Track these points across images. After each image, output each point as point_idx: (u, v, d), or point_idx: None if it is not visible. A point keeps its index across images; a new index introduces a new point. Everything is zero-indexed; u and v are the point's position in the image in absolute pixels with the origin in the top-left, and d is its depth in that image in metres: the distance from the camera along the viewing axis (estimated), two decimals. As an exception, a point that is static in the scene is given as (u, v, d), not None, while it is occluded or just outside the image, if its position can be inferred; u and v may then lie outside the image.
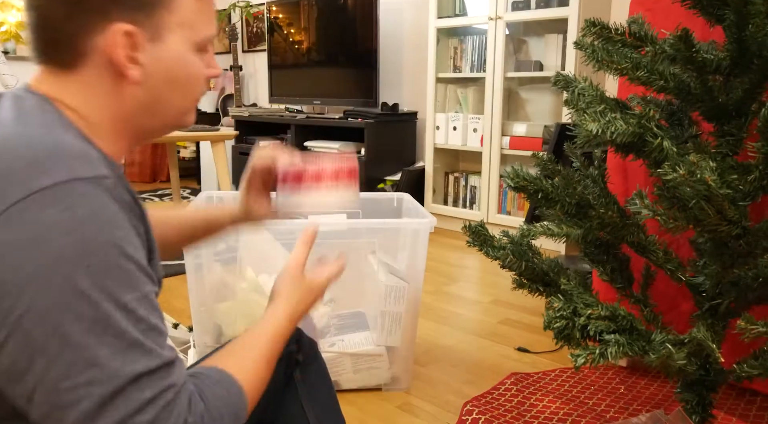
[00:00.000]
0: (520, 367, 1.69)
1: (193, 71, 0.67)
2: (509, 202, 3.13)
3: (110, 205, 0.55)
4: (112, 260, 0.53)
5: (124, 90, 0.64)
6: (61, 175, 0.53)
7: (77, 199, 0.52)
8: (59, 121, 0.59)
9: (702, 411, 1.17)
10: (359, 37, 3.61)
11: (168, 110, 0.68)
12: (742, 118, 1.06)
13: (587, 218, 1.09)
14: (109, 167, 0.59)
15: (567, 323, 1.01)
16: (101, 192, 0.54)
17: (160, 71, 0.64)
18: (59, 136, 0.57)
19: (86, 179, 0.54)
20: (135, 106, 0.65)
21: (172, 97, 0.67)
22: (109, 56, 0.61)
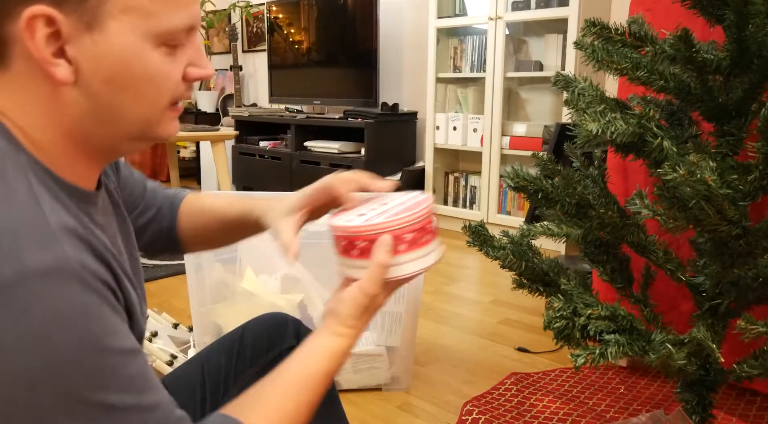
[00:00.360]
0: (520, 367, 1.69)
1: (153, 71, 0.53)
2: (509, 202, 3.13)
3: (76, 297, 0.44)
4: (87, 367, 0.45)
5: (61, 94, 0.51)
6: (6, 273, 0.42)
7: (32, 302, 0.42)
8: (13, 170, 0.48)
9: (702, 411, 1.17)
10: (359, 37, 3.61)
11: (121, 120, 0.54)
12: (742, 118, 1.06)
13: (587, 218, 1.09)
14: (73, 216, 0.49)
15: (567, 323, 1.01)
16: (62, 283, 0.44)
17: (101, 70, 0.51)
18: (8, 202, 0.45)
19: (40, 272, 0.43)
20: (78, 114, 0.52)
21: (122, 103, 0.53)
22: (27, 49, 0.49)
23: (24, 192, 0.47)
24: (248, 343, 0.86)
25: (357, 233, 0.65)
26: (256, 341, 0.86)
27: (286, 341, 0.87)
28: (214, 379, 0.84)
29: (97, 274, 0.47)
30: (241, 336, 0.87)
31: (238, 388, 0.84)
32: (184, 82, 0.56)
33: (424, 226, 0.66)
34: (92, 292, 0.46)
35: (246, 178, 4.17)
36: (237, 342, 0.86)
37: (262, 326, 0.88)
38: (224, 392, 0.83)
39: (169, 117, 0.57)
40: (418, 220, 0.66)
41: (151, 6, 0.51)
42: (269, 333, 0.87)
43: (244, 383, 0.84)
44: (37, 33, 0.48)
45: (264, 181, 4.00)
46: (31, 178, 0.48)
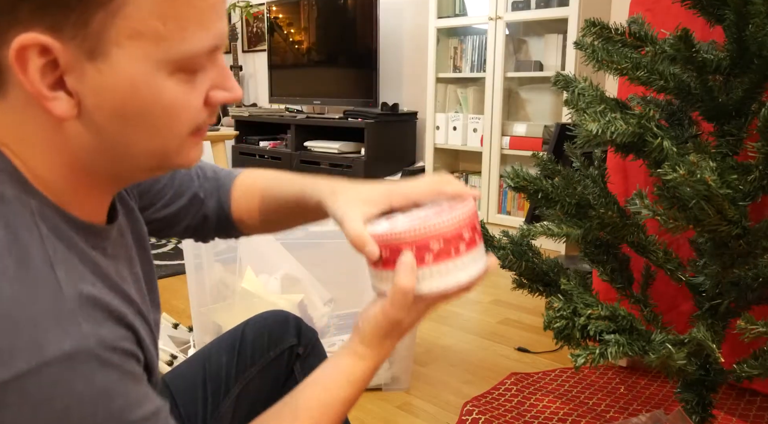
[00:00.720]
0: (520, 367, 1.69)
1: (167, 102, 0.46)
2: (509, 202, 3.13)
3: (96, 378, 0.42)
4: None
5: (64, 127, 0.46)
6: (23, 362, 0.40)
7: (51, 390, 0.40)
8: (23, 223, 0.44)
9: (702, 411, 1.17)
10: (359, 37, 3.61)
11: (133, 154, 0.48)
12: (742, 118, 1.06)
13: (587, 218, 1.09)
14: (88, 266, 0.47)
15: (567, 323, 1.01)
16: (80, 367, 0.42)
17: (107, 103, 0.45)
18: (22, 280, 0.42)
19: (58, 359, 0.41)
20: (84, 149, 0.47)
21: (133, 137, 0.47)
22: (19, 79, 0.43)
23: (37, 257, 0.43)
24: (249, 341, 0.86)
25: (380, 240, 0.59)
26: (257, 339, 0.86)
27: (287, 340, 0.87)
28: (215, 378, 0.84)
29: (116, 345, 0.45)
30: (242, 334, 0.87)
31: (239, 388, 0.84)
32: (206, 108, 0.50)
33: (457, 233, 0.58)
34: (112, 369, 0.44)
35: (246, 178, 4.17)
36: (238, 341, 0.86)
37: (263, 324, 0.88)
38: (225, 391, 0.84)
39: (190, 144, 0.51)
40: (446, 226, 0.58)
41: (164, 30, 0.44)
42: (270, 332, 0.87)
43: (245, 383, 0.84)
44: (30, 64, 0.42)
45: (264, 181, 4.00)
46: (42, 229, 0.45)
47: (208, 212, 0.78)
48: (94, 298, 0.45)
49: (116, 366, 0.44)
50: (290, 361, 0.87)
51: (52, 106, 0.44)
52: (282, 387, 0.87)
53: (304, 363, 0.87)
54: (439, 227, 0.57)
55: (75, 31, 0.42)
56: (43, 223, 0.45)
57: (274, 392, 0.86)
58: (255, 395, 0.85)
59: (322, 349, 0.91)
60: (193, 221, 0.78)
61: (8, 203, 0.44)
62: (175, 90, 0.46)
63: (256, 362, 0.85)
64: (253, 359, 0.85)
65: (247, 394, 0.84)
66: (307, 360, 0.88)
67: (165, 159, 0.50)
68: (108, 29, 0.42)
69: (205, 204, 0.78)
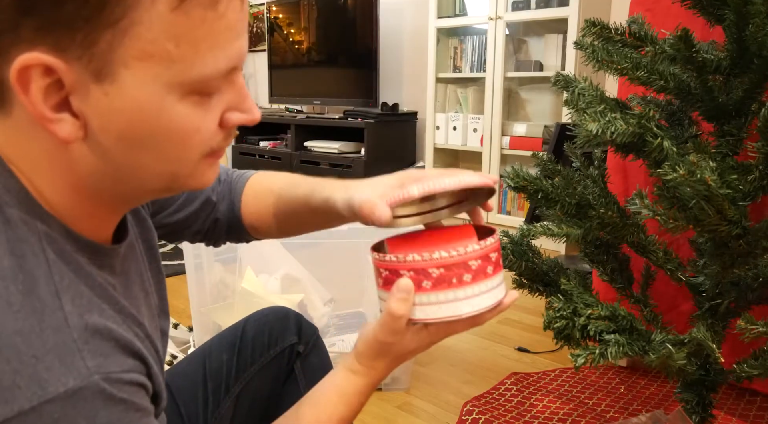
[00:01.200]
0: (520, 367, 1.69)
1: (177, 126, 0.44)
2: (509, 202, 3.13)
3: (99, 415, 0.41)
4: None
5: (69, 148, 0.44)
6: (24, 400, 0.39)
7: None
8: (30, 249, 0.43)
9: (702, 411, 1.17)
10: (359, 37, 3.61)
11: (141, 178, 0.47)
12: (742, 118, 1.06)
13: (587, 218, 1.09)
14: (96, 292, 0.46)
15: (567, 323, 1.01)
16: (84, 404, 0.41)
17: (114, 126, 0.43)
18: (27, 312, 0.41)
19: (60, 397, 0.40)
20: (90, 171, 0.45)
21: (141, 161, 0.45)
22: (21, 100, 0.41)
23: (44, 287, 0.42)
24: (249, 339, 0.86)
25: (379, 261, 0.57)
26: (258, 337, 0.86)
27: (287, 338, 0.86)
28: (216, 377, 0.84)
29: (123, 379, 0.43)
30: (242, 332, 0.87)
31: (240, 386, 0.84)
32: (222, 130, 0.48)
33: (461, 261, 0.55)
34: (117, 403, 0.42)
35: (246, 178, 4.17)
36: (239, 339, 0.86)
37: (264, 322, 0.87)
38: (226, 390, 0.84)
39: (203, 167, 0.49)
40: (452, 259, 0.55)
41: (176, 52, 0.41)
42: (270, 329, 0.87)
43: (245, 382, 0.84)
44: (33, 85, 0.40)
45: (264, 181, 4.00)
46: (48, 255, 0.44)
47: (219, 216, 0.77)
48: (101, 328, 0.44)
49: (121, 401, 0.43)
50: (291, 359, 0.87)
51: (56, 128, 0.42)
52: (283, 385, 0.87)
53: (305, 361, 0.87)
54: (442, 256, 0.55)
55: (81, 51, 0.39)
56: (49, 247, 0.44)
57: (275, 390, 0.86)
58: (256, 393, 0.85)
59: (323, 347, 0.90)
60: (204, 225, 0.77)
61: (15, 227, 0.43)
62: (186, 114, 0.44)
63: (257, 360, 0.85)
64: (254, 358, 0.85)
65: (248, 392, 0.84)
66: (308, 358, 0.87)
67: (176, 182, 0.48)
68: (116, 50, 0.40)
69: (216, 208, 0.77)
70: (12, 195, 0.44)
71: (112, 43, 0.40)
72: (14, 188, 0.44)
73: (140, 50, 0.40)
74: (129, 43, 0.40)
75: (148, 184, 0.48)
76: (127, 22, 0.39)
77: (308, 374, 0.87)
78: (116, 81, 0.41)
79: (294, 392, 0.86)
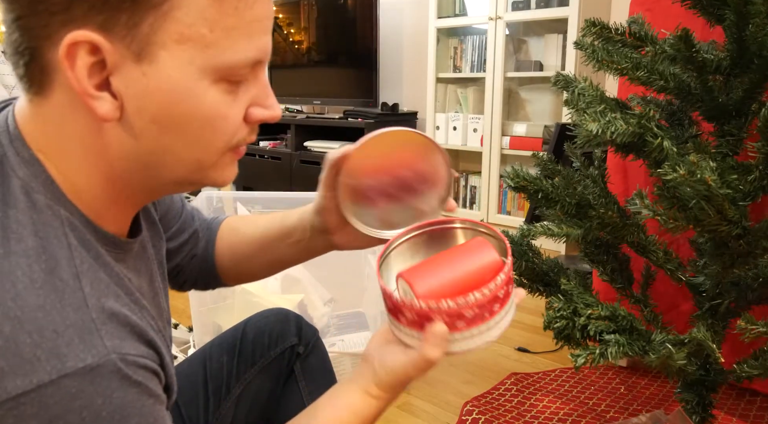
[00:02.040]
0: (520, 367, 1.69)
1: (208, 110, 0.46)
2: (509, 202, 3.13)
3: (115, 394, 0.42)
4: None
5: (104, 131, 0.46)
6: (44, 373, 0.39)
7: (69, 403, 0.40)
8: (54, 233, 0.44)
9: (702, 411, 1.17)
10: (359, 37, 3.61)
11: (169, 163, 0.48)
12: (742, 118, 1.06)
13: (587, 218, 1.09)
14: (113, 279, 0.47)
15: (567, 323, 1.01)
16: (101, 382, 0.41)
17: (149, 106, 0.45)
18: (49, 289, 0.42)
19: (79, 372, 0.40)
20: (122, 155, 0.47)
21: (170, 144, 0.47)
22: (67, 79, 0.43)
23: (65, 268, 0.44)
24: (250, 340, 0.86)
25: (406, 305, 0.55)
26: (258, 338, 0.86)
27: (288, 339, 0.87)
28: (216, 378, 0.84)
29: (138, 363, 0.44)
30: (242, 333, 0.87)
31: (240, 387, 0.84)
32: (246, 125, 0.50)
33: (493, 297, 0.55)
34: (131, 385, 0.43)
35: (246, 179, 4.17)
36: (239, 340, 0.86)
37: (264, 323, 0.88)
38: (226, 391, 0.84)
39: (225, 162, 0.51)
40: (484, 297, 0.54)
41: (210, 36, 0.44)
42: (271, 331, 0.87)
43: (246, 383, 0.84)
44: (78, 61, 0.42)
45: (264, 181, 4.00)
46: (71, 239, 0.45)
47: (197, 252, 0.78)
48: (118, 313, 0.45)
49: (136, 383, 0.44)
50: (291, 360, 0.87)
51: (97, 105, 0.44)
52: (283, 386, 0.87)
53: (305, 362, 0.87)
54: (477, 298, 0.54)
55: (125, 31, 0.42)
56: (72, 233, 0.46)
57: (275, 391, 0.86)
58: (256, 394, 0.85)
59: (322, 348, 0.91)
60: (184, 260, 0.78)
61: (40, 212, 0.45)
62: (216, 99, 0.46)
63: (257, 361, 0.85)
64: (254, 359, 0.85)
65: (248, 393, 0.84)
66: (308, 359, 0.88)
67: (200, 172, 0.50)
68: (157, 32, 0.43)
69: (197, 243, 0.78)
70: (39, 182, 0.46)
71: (154, 25, 0.42)
72: (41, 176, 0.46)
73: (178, 33, 0.43)
74: (169, 26, 0.43)
75: (174, 172, 0.49)
76: (168, 6, 0.42)
77: (308, 374, 0.87)
78: (154, 62, 0.43)
79: (294, 393, 0.86)
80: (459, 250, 0.61)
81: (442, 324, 0.54)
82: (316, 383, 0.87)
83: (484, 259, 0.59)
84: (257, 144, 4.10)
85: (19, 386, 0.39)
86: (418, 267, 0.60)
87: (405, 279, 0.58)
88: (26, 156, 0.46)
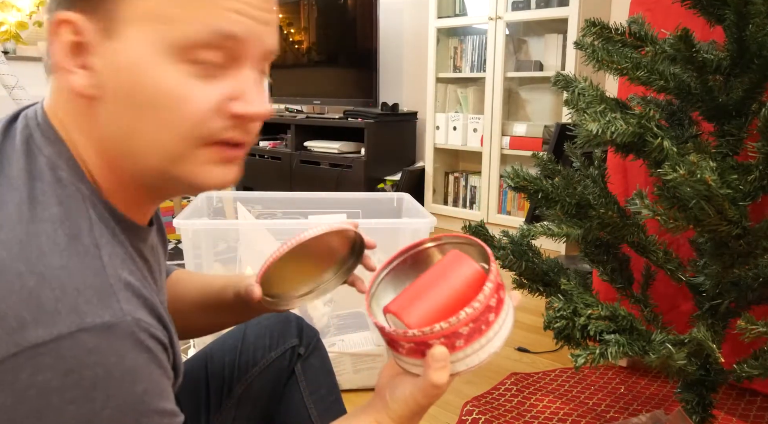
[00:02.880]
0: (520, 367, 1.69)
1: (168, 89, 0.46)
2: (509, 202, 3.13)
3: (128, 356, 0.43)
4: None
5: (94, 113, 0.48)
6: (63, 326, 0.41)
7: (84, 358, 0.41)
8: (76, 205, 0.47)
9: (702, 411, 1.17)
10: (359, 38, 3.61)
11: (142, 147, 0.48)
12: (742, 118, 1.06)
13: (587, 218, 1.09)
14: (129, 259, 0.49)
15: (567, 323, 1.01)
16: (116, 341, 0.43)
17: (121, 83, 0.46)
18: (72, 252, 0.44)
19: (96, 328, 0.42)
20: (109, 138, 0.49)
21: (144, 125, 0.47)
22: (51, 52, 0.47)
23: (86, 236, 0.45)
24: (251, 341, 0.86)
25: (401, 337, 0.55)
26: (259, 339, 0.86)
27: (288, 340, 0.87)
28: (217, 378, 0.84)
29: (150, 331, 0.45)
30: (244, 334, 0.87)
31: (241, 388, 0.84)
32: (222, 118, 0.48)
33: (486, 307, 0.54)
34: (144, 351, 0.44)
35: (246, 178, 4.17)
36: (240, 341, 0.86)
37: (265, 324, 0.88)
38: (228, 391, 0.84)
39: (201, 158, 0.49)
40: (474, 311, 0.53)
41: (172, 12, 0.45)
42: (272, 332, 0.87)
43: (247, 383, 0.85)
44: (61, 38, 0.46)
45: (264, 181, 4.00)
46: (91, 213, 0.47)
47: None
48: (132, 285, 0.47)
49: (148, 350, 0.45)
50: (292, 361, 0.87)
51: (72, 79, 0.47)
52: (283, 387, 0.87)
53: (306, 363, 0.88)
54: (469, 313, 0.53)
55: (95, 8, 0.45)
56: (92, 209, 0.48)
57: (276, 391, 0.86)
58: (257, 394, 0.85)
59: (323, 349, 0.91)
60: None
61: (64, 186, 0.47)
62: (179, 80, 0.46)
63: (258, 362, 0.85)
64: (255, 359, 0.85)
65: (249, 394, 0.84)
66: (309, 360, 0.88)
67: (173, 165, 0.49)
68: (122, 8, 0.45)
69: None
70: (63, 160, 0.48)
71: (119, 2, 0.45)
72: (65, 155, 0.48)
73: (142, 10, 0.45)
74: (134, 2, 0.45)
75: (148, 159, 0.49)
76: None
77: (309, 375, 0.87)
78: (122, 39, 0.45)
79: (295, 394, 0.86)
80: (436, 270, 0.60)
81: (440, 347, 0.54)
82: (317, 384, 0.87)
83: (464, 272, 0.58)
84: (257, 144, 4.10)
85: (39, 336, 0.40)
86: (402, 297, 0.59)
87: (392, 312, 0.58)
88: (51, 136, 0.49)
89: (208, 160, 0.49)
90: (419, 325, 0.55)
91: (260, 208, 1.81)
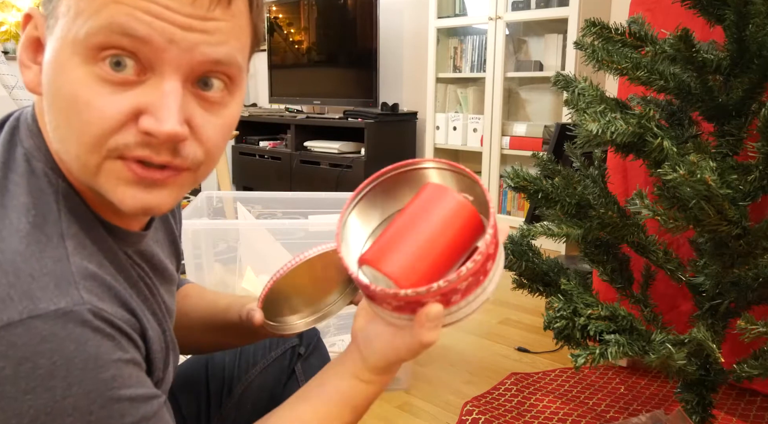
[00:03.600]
0: (520, 367, 1.69)
1: (72, 89, 0.44)
2: (509, 202, 3.13)
3: (89, 343, 0.41)
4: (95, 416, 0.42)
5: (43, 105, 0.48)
6: (15, 312, 0.40)
7: (37, 346, 0.39)
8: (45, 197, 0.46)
9: (702, 411, 1.17)
10: (359, 37, 3.61)
11: (65, 153, 0.46)
12: (742, 118, 1.06)
13: (587, 218, 1.09)
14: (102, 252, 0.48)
15: (567, 323, 1.01)
16: (73, 328, 0.41)
17: (45, 82, 0.46)
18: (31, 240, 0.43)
19: (50, 315, 0.40)
20: (51, 136, 0.48)
21: (62, 130, 0.46)
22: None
23: (52, 226, 0.45)
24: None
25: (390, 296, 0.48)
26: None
27: (289, 340, 0.87)
28: (218, 378, 0.84)
29: (111, 321, 0.44)
30: None
31: (241, 388, 0.84)
32: (136, 133, 0.44)
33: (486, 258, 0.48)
34: (106, 338, 0.43)
35: (246, 179, 4.17)
36: None
37: None
38: (228, 391, 0.84)
39: (114, 174, 0.45)
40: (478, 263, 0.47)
41: (82, 6, 0.43)
42: None
43: (247, 383, 0.85)
44: (25, 33, 0.48)
45: (264, 182, 4.00)
46: (61, 205, 0.47)
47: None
48: (99, 277, 0.46)
49: (111, 337, 0.43)
50: (292, 361, 0.87)
51: (25, 74, 0.48)
52: (284, 387, 0.87)
53: (306, 363, 0.88)
54: (470, 268, 0.47)
55: (47, 2, 0.46)
56: (63, 200, 0.47)
57: (276, 391, 0.86)
58: (257, 394, 0.85)
59: (323, 348, 0.91)
60: None
61: (37, 178, 0.47)
62: (86, 82, 0.43)
63: (258, 361, 0.85)
64: (255, 359, 0.85)
65: (250, 393, 0.84)
66: (309, 360, 0.88)
67: (87, 175, 0.46)
68: (61, 2, 0.44)
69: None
70: (41, 153, 0.48)
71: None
72: (43, 148, 0.49)
73: (67, 5, 0.44)
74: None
75: (68, 166, 0.47)
76: None
77: (309, 375, 0.87)
78: (52, 35, 0.45)
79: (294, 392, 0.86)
80: (415, 206, 0.52)
81: (436, 305, 0.49)
82: None
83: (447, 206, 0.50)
84: (257, 144, 4.10)
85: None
86: (378, 244, 0.51)
87: (368, 262, 0.50)
88: (34, 129, 0.49)
89: (120, 178, 0.46)
90: (402, 275, 0.48)
91: (260, 208, 1.81)
